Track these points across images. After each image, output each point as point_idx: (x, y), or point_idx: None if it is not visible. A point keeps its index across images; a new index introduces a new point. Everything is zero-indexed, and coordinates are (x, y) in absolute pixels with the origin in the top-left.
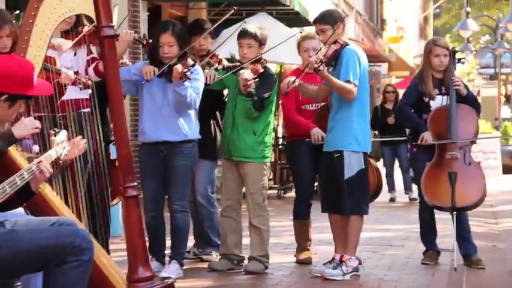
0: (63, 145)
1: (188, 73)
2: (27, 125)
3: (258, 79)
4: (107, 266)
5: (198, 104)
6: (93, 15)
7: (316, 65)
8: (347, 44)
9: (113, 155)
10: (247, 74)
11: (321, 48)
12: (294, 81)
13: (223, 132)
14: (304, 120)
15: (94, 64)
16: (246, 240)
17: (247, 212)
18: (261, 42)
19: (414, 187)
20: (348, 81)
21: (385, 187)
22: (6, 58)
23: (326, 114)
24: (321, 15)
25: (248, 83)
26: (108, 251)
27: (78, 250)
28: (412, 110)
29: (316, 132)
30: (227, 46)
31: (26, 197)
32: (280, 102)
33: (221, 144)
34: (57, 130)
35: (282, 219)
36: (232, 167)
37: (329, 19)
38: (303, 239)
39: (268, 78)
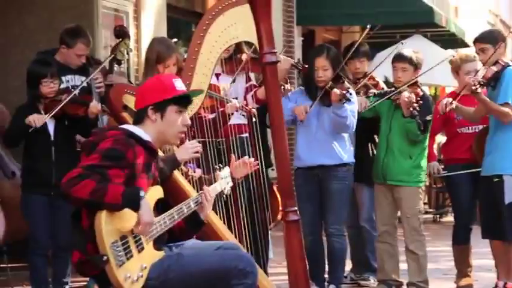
0: (227, 180)
1: (348, 95)
2: (189, 149)
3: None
4: None
5: (354, 127)
6: (255, 42)
7: (473, 87)
8: (508, 65)
9: None
10: (409, 95)
11: (479, 69)
12: (451, 102)
13: (377, 156)
14: (430, 150)
15: (253, 91)
16: (402, 266)
17: (404, 237)
18: (416, 66)
19: None
20: (506, 104)
21: None
22: (149, 79)
23: (485, 137)
24: (481, 34)
25: (414, 104)
26: (267, 274)
27: (243, 274)
28: None
29: (433, 166)
30: (382, 69)
31: (197, 226)
32: None
33: (375, 168)
34: (221, 166)
35: (440, 244)
36: (386, 192)
37: (490, 38)
38: (463, 265)
39: (427, 101)
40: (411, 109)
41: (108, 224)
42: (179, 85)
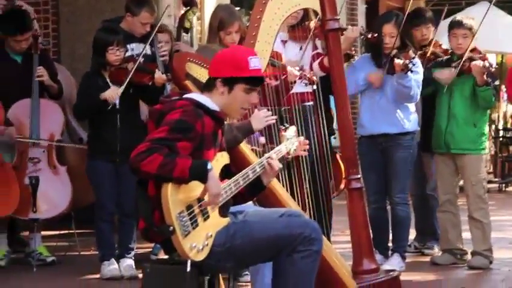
0: (293, 141)
1: (410, 65)
2: (262, 119)
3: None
4: (332, 257)
5: (419, 97)
6: (318, 9)
7: None
8: None
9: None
10: (483, 62)
11: None
12: None
13: (437, 126)
14: None
15: (319, 59)
16: (465, 235)
17: (467, 205)
18: (474, 33)
19: None
20: None
21: None
22: (225, 49)
23: None
24: None
25: (485, 71)
26: (330, 243)
27: (308, 240)
28: None
29: None
30: (445, 37)
31: (258, 190)
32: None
33: (436, 138)
34: (287, 126)
35: (504, 214)
36: (448, 161)
37: None
38: None
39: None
40: (485, 77)
41: (175, 195)
42: (253, 64)
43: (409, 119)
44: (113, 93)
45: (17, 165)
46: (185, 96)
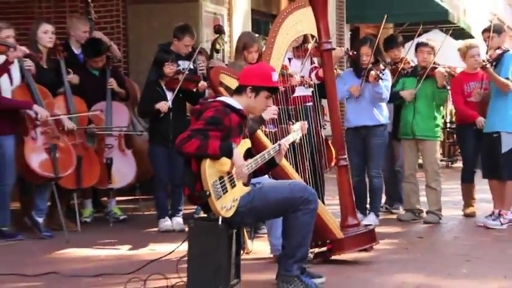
0: (297, 132)
1: (380, 74)
2: (270, 112)
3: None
4: (325, 214)
5: (388, 98)
6: (315, 34)
7: (484, 63)
8: (508, 50)
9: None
10: (444, 70)
11: (487, 52)
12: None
13: (404, 119)
14: (470, 111)
15: (316, 71)
16: (422, 199)
17: (425, 178)
18: (434, 50)
19: None
20: (507, 78)
21: None
22: (255, 65)
23: (486, 105)
24: (489, 26)
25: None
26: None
27: (307, 201)
28: None
29: (480, 120)
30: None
31: (272, 167)
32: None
33: (403, 127)
34: (293, 121)
35: (451, 183)
36: (412, 145)
37: (496, 29)
38: (468, 198)
39: None
40: (444, 82)
41: (210, 169)
42: (274, 78)
43: (383, 115)
44: (163, 106)
45: (97, 149)
46: (218, 99)
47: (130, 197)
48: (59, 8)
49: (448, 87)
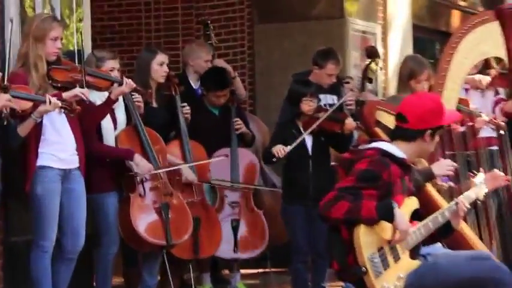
0: (482, 187)
1: None
2: (445, 166)
3: None
4: None
5: None
6: (504, 57)
7: None
8: None
9: None
10: None
11: None
12: None
13: None
14: None
15: (501, 104)
16: None
17: None
18: None
19: None
20: None
21: None
22: (418, 98)
23: None
24: None
25: None
26: None
27: (499, 285)
28: None
29: None
30: None
31: (447, 233)
32: None
33: None
34: (476, 173)
35: None
36: None
37: None
38: None
39: None
40: None
41: (366, 237)
42: (448, 113)
43: None
44: (280, 150)
45: (218, 208)
46: (373, 145)
47: (259, 270)
48: (170, 31)
49: None
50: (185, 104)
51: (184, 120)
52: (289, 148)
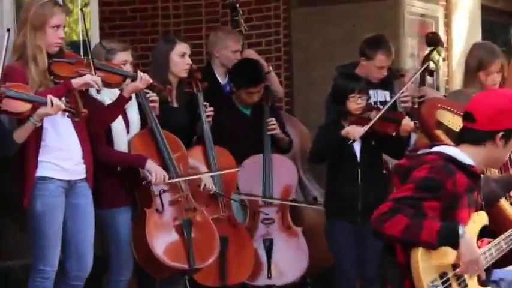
0: None
1: None
2: None
3: None
4: None
5: None
6: None
7: None
8: None
9: None
10: None
11: None
12: None
13: None
14: None
15: None
16: None
17: None
18: None
19: None
20: None
21: None
22: (489, 93)
23: None
24: None
25: None
26: None
27: None
28: None
29: None
30: None
31: None
32: None
33: None
34: None
35: None
36: None
37: None
38: None
39: None
40: None
41: (426, 261)
42: None
43: None
44: (356, 130)
45: (250, 227)
46: (434, 149)
47: None
48: (191, 17)
49: None
50: (207, 103)
51: (207, 122)
52: (365, 128)
